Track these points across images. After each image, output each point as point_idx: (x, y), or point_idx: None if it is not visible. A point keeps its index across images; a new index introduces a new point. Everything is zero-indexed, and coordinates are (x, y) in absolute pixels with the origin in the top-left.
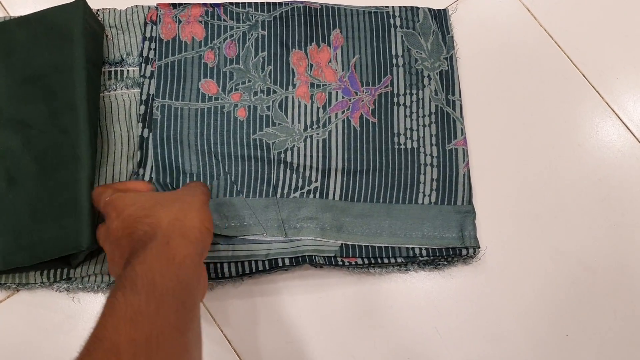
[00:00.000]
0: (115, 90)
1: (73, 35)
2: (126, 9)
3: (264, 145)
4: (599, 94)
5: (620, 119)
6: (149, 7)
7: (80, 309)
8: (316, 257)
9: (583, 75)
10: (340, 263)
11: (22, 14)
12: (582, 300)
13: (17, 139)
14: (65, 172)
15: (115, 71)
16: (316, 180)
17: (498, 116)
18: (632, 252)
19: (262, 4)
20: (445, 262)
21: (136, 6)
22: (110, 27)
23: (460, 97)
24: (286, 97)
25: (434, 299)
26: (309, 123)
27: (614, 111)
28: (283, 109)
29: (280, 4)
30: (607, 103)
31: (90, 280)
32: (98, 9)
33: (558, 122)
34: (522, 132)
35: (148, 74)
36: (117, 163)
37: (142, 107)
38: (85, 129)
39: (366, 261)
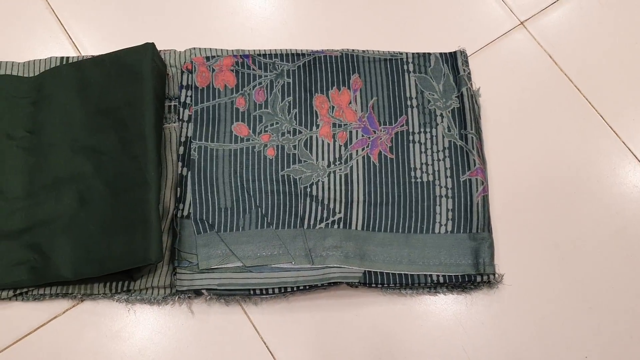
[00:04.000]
0: (174, 122)
1: (143, 73)
2: (184, 51)
3: (292, 180)
4: (615, 133)
5: (636, 157)
6: (206, 50)
7: (136, 319)
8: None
9: (601, 116)
10: (374, 284)
11: (92, 54)
12: (600, 324)
13: (89, 164)
14: (135, 194)
15: (175, 106)
16: (340, 212)
17: (521, 151)
18: None
19: (286, 55)
20: (472, 286)
21: (194, 48)
22: (170, 66)
23: (472, 130)
24: (311, 137)
25: (462, 320)
26: (332, 160)
27: (629, 150)
28: (308, 147)
29: (304, 54)
30: (623, 142)
31: (148, 292)
32: (160, 50)
33: (577, 159)
34: (543, 167)
35: (186, 118)
36: (169, 187)
37: (181, 148)
38: (154, 157)
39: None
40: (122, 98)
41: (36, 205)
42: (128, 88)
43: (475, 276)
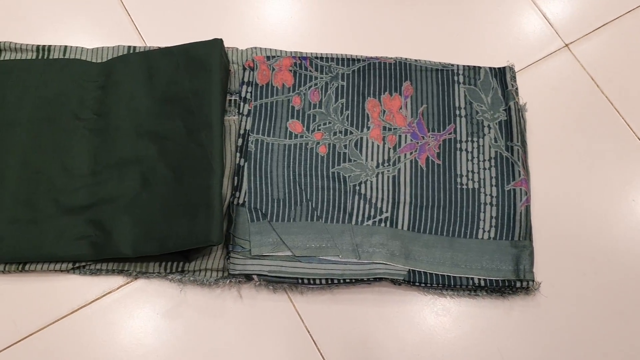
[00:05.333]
0: (234, 115)
1: (212, 67)
2: (246, 49)
3: (341, 178)
4: None
5: None
6: (265, 49)
7: (187, 300)
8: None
9: (638, 138)
10: (417, 283)
11: (157, 45)
12: (634, 336)
13: (153, 148)
14: (199, 178)
15: (235, 100)
16: (387, 211)
17: (562, 167)
18: None
19: (342, 59)
20: (511, 292)
21: (255, 47)
22: (232, 62)
23: (518, 142)
24: (361, 138)
25: (499, 323)
26: (380, 161)
27: None
28: (358, 147)
29: (359, 60)
30: None
31: (201, 274)
32: None
33: (615, 178)
34: (582, 183)
35: (245, 112)
36: (227, 175)
37: (240, 140)
38: (219, 145)
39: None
40: (190, 88)
41: (100, 183)
42: (196, 79)
43: (515, 282)
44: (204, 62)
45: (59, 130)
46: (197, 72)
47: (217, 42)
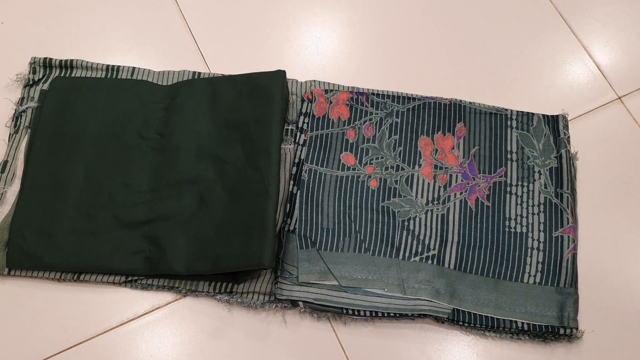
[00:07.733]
0: (290, 144)
1: (274, 96)
2: (305, 82)
3: (390, 212)
4: None
5: None
6: (323, 83)
7: (232, 321)
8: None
9: None
10: (460, 322)
11: (221, 72)
12: None
13: (212, 170)
14: (255, 202)
15: (292, 129)
16: (434, 249)
17: (610, 216)
18: None
19: (398, 96)
20: (553, 338)
21: (314, 81)
22: (291, 93)
23: (568, 190)
24: (412, 175)
25: None
26: (430, 198)
27: None
28: (409, 184)
29: (414, 98)
30: None
31: (248, 296)
32: None
33: None
34: (629, 234)
35: (301, 141)
36: (280, 202)
37: (294, 168)
38: (276, 171)
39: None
40: (252, 116)
41: (158, 200)
42: (258, 108)
43: (558, 328)
44: (267, 92)
45: (122, 147)
46: (260, 101)
47: (280, 74)
